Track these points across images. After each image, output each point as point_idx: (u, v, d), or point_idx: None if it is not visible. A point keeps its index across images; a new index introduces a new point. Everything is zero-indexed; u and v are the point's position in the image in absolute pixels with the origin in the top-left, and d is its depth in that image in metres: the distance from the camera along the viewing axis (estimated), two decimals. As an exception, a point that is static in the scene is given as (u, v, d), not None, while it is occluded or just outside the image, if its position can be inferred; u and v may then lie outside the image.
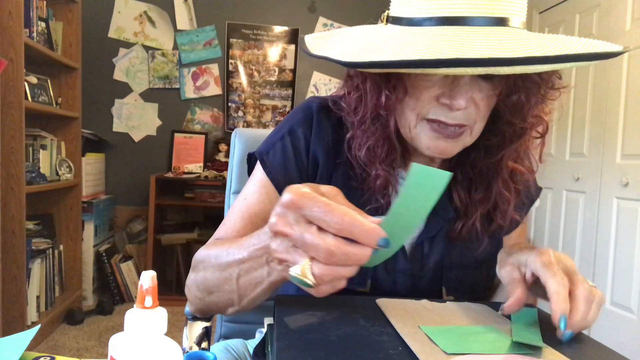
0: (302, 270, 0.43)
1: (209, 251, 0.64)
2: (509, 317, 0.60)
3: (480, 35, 0.54)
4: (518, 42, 0.54)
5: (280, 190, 0.72)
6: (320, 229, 0.42)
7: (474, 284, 0.75)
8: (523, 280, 0.56)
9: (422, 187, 0.43)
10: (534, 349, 0.49)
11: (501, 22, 0.55)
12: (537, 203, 0.81)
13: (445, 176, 0.42)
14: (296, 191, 0.43)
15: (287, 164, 0.73)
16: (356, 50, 0.59)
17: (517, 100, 0.63)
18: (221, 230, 0.73)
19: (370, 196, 0.71)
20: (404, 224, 0.46)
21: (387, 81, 0.63)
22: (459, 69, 0.51)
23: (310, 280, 0.42)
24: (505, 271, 0.59)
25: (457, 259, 0.74)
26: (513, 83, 0.62)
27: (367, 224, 0.42)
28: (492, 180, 0.71)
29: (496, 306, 0.64)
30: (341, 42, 0.65)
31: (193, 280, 0.65)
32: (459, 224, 0.72)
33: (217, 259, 0.60)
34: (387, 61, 0.53)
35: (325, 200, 0.42)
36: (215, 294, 0.61)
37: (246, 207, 0.73)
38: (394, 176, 0.71)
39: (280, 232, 0.44)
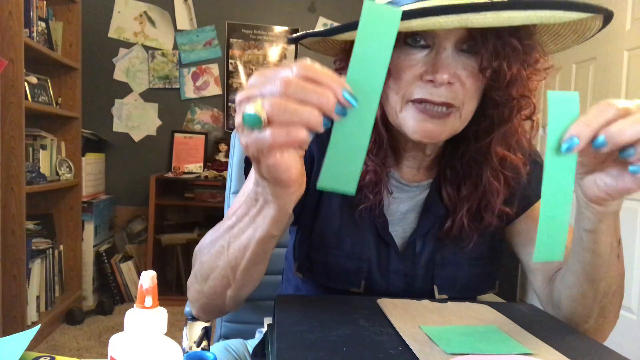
0: (256, 107, 0.39)
1: (205, 238, 0.65)
2: (510, 314, 0.60)
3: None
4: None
5: None
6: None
7: (470, 281, 0.75)
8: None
9: (376, 28, 0.41)
10: (533, 350, 0.49)
11: None
12: None
13: (397, 13, 0.41)
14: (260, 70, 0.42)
15: None
16: (337, 26, 0.60)
17: (498, 66, 0.61)
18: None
19: (362, 195, 0.71)
20: (367, 76, 0.42)
21: None
22: (431, 20, 0.51)
23: (262, 115, 0.39)
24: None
25: (450, 256, 0.74)
26: (493, 49, 0.60)
27: (332, 73, 0.40)
28: (481, 169, 0.69)
29: (497, 306, 0.64)
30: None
31: (192, 274, 0.66)
32: (449, 222, 0.72)
33: (211, 238, 0.62)
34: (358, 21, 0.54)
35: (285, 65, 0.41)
36: (210, 278, 0.61)
37: None
38: (385, 173, 0.71)
39: (245, 95, 0.41)
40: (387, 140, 0.70)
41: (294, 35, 0.66)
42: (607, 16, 0.57)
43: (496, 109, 0.65)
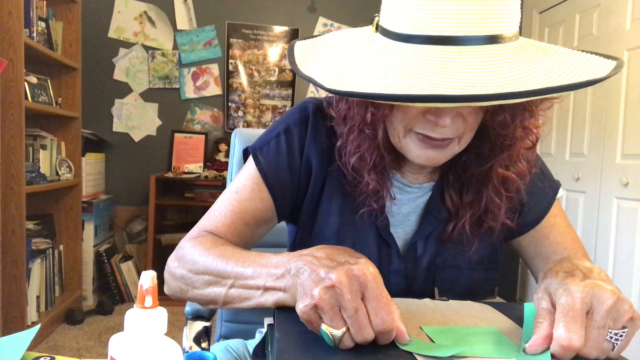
0: (332, 333, 0.46)
1: (203, 249, 0.65)
2: (510, 314, 0.59)
3: (466, 57, 0.53)
4: (503, 68, 0.53)
5: (269, 186, 0.73)
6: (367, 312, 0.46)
7: (470, 285, 0.75)
8: (553, 311, 0.50)
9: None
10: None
11: (490, 39, 0.54)
12: (561, 192, 0.79)
13: None
14: (371, 272, 0.47)
15: (279, 161, 0.73)
16: (340, 71, 0.58)
17: (502, 119, 0.63)
18: (210, 222, 0.73)
19: (364, 199, 0.71)
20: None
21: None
22: (443, 104, 0.51)
23: (335, 343, 0.46)
24: (535, 298, 0.53)
25: (451, 260, 0.74)
26: (498, 106, 0.62)
27: (392, 337, 0.47)
28: (483, 186, 0.71)
29: (497, 306, 0.64)
30: (330, 55, 0.64)
31: (178, 269, 0.67)
32: (450, 226, 0.73)
33: (215, 264, 0.61)
34: (367, 94, 0.53)
35: (385, 298, 0.47)
36: (200, 290, 0.63)
37: (237, 202, 0.73)
38: (387, 179, 0.72)
39: (339, 291, 0.46)
40: (389, 161, 0.70)
41: (304, 71, 0.62)
42: (617, 68, 0.55)
43: (499, 138, 0.67)
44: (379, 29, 0.63)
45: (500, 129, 0.65)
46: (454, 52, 0.53)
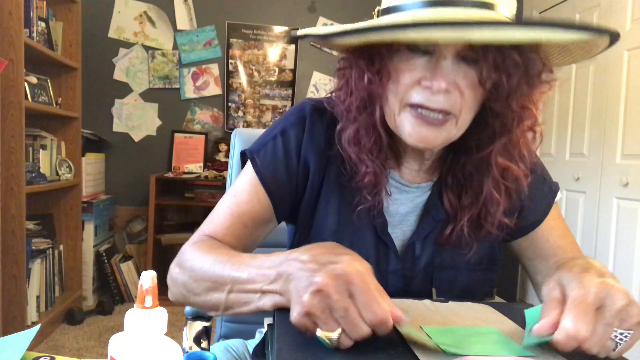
0: (329, 336, 0.46)
1: (201, 255, 0.65)
2: (510, 314, 0.60)
3: (461, 14, 0.56)
4: (498, 22, 0.54)
5: (267, 189, 0.73)
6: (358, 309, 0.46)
7: (468, 286, 0.75)
8: (563, 302, 0.50)
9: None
10: (534, 351, 0.49)
11: (486, 5, 0.56)
12: (559, 195, 0.79)
13: None
14: (355, 268, 0.47)
15: (276, 164, 0.74)
16: (336, 30, 0.60)
17: (497, 79, 0.62)
18: (210, 226, 0.74)
19: (361, 196, 0.71)
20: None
21: (371, 64, 0.64)
22: (429, 33, 0.52)
23: (333, 345, 0.46)
24: (546, 288, 0.53)
25: (449, 260, 0.74)
26: (493, 61, 0.61)
27: (390, 325, 0.47)
28: (482, 178, 0.70)
29: (497, 306, 0.64)
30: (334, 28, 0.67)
31: (180, 275, 0.67)
32: (449, 229, 0.72)
33: (212, 269, 0.62)
34: (361, 28, 0.55)
35: (372, 291, 0.46)
36: (201, 297, 0.63)
37: (235, 205, 0.74)
38: (384, 175, 0.71)
39: (326, 294, 0.46)
40: (386, 142, 0.70)
41: (298, 32, 0.65)
42: (612, 36, 0.56)
43: (496, 119, 0.66)
44: (379, 14, 0.65)
45: (496, 97, 0.64)
46: (450, 11, 0.57)
